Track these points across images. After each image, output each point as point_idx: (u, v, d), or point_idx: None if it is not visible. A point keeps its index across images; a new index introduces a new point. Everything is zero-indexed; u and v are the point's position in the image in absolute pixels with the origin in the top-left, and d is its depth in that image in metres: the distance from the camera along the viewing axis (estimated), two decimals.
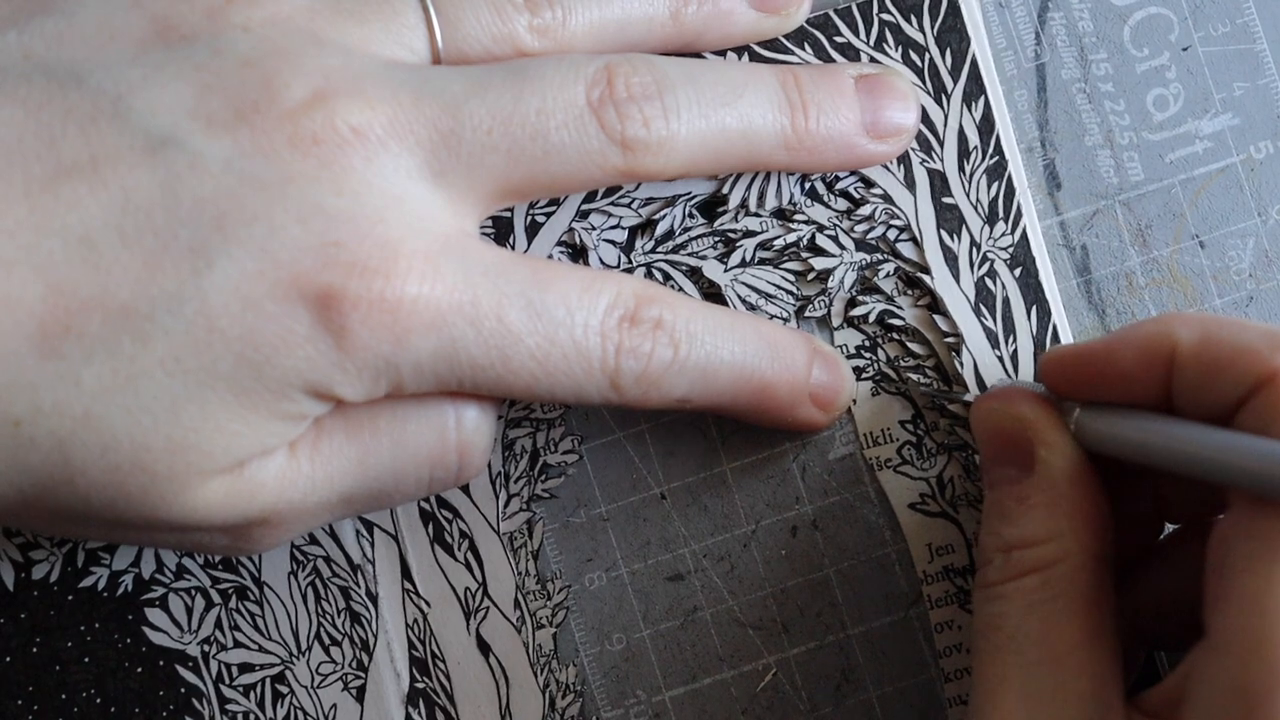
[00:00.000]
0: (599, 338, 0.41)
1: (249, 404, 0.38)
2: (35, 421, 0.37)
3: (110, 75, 0.38)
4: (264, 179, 0.38)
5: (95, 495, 0.38)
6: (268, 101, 0.38)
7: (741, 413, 0.44)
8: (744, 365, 0.43)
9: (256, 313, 0.38)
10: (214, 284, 0.37)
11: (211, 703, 0.46)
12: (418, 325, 0.39)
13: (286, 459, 0.40)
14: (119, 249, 0.37)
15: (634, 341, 0.41)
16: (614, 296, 0.41)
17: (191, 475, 0.39)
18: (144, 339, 0.37)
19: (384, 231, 0.38)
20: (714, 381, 0.42)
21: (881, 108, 0.44)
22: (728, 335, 0.43)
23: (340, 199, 0.38)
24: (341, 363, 0.38)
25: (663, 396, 0.42)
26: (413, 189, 0.39)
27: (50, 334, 0.37)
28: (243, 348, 0.38)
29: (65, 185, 0.37)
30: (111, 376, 0.37)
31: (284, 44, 0.39)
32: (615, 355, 0.41)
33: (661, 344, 0.41)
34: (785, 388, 0.44)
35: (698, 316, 0.42)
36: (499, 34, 0.42)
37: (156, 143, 0.38)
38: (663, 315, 0.42)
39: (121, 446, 0.38)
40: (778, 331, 0.44)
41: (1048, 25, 0.46)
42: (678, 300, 0.42)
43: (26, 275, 0.37)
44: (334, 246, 0.38)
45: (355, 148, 0.39)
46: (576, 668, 0.46)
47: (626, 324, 0.41)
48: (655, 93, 0.41)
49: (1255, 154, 0.46)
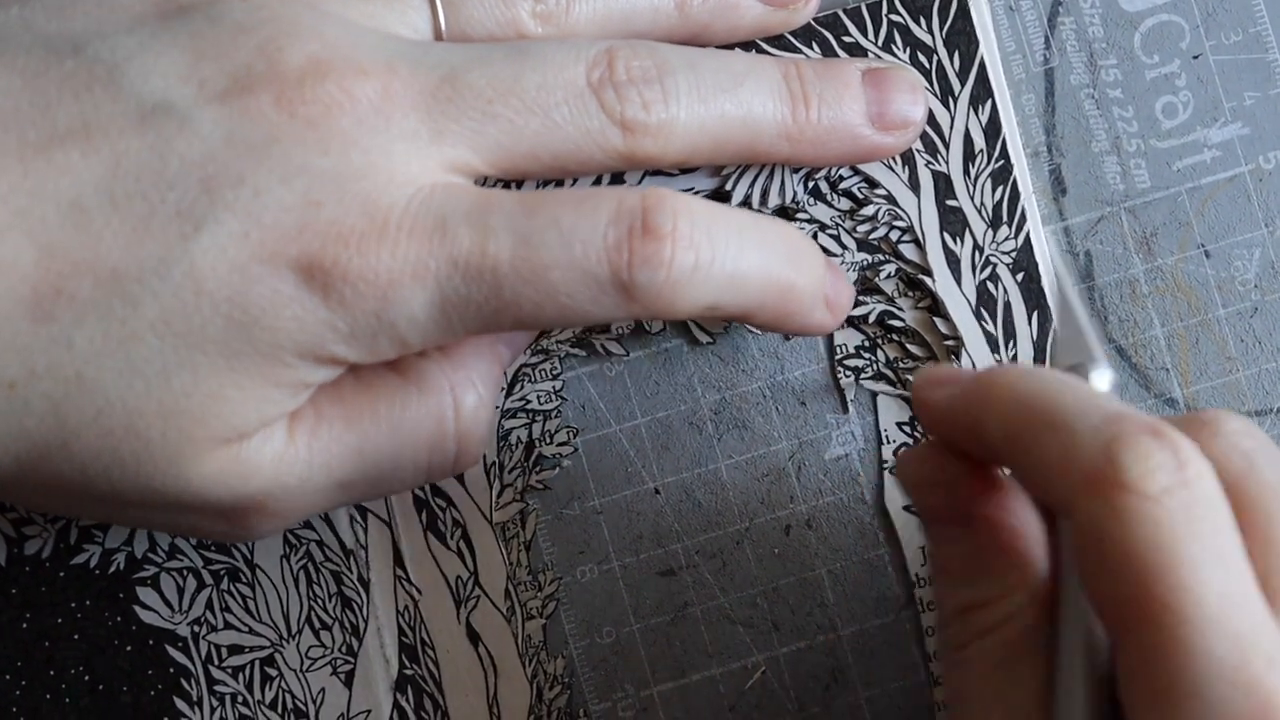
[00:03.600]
0: (602, 253, 0.39)
1: (241, 368, 0.38)
2: (29, 384, 0.38)
3: (107, 44, 0.39)
4: (251, 142, 0.38)
5: (90, 462, 0.39)
6: (261, 67, 0.39)
7: (766, 318, 0.42)
8: (770, 267, 0.41)
9: (243, 275, 0.38)
10: (201, 247, 0.38)
11: (200, 683, 0.46)
12: (400, 279, 0.38)
13: (284, 442, 0.40)
14: (110, 213, 0.38)
15: (648, 250, 0.39)
16: (615, 208, 0.39)
17: (185, 443, 0.39)
18: (134, 302, 0.38)
19: (365, 187, 0.38)
20: (743, 285, 0.41)
21: (889, 100, 0.44)
22: (753, 236, 0.41)
23: (325, 159, 0.38)
24: (332, 321, 0.38)
25: (690, 303, 0.40)
26: (404, 147, 0.39)
27: (43, 298, 0.37)
28: (230, 310, 0.38)
29: (58, 151, 0.38)
30: (103, 340, 0.38)
31: (281, 11, 0.39)
32: (628, 268, 0.39)
33: (682, 248, 0.40)
34: (808, 289, 0.42)
35: (718, 219, 0.41)
36: (502, 18, 0.42)
37: (148, 109, 0.38)
38: (677, 222, 0.40)
39: (114, 410, 0.38)
40: (794, 233, 0.43)
41: (1058, 30, 0.46)
42: (693, 203, 0.40)
43: (19, 240, 0.37)
44: (315, 207, 0.38)
45: (345, 110, 0.39)
46: (565, 660, 0.46)
47: (637, 235, 0.39)
48: (655, 76, 0.41)
49: (1264, 164, 0.46)
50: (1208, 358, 0.46)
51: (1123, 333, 0.46)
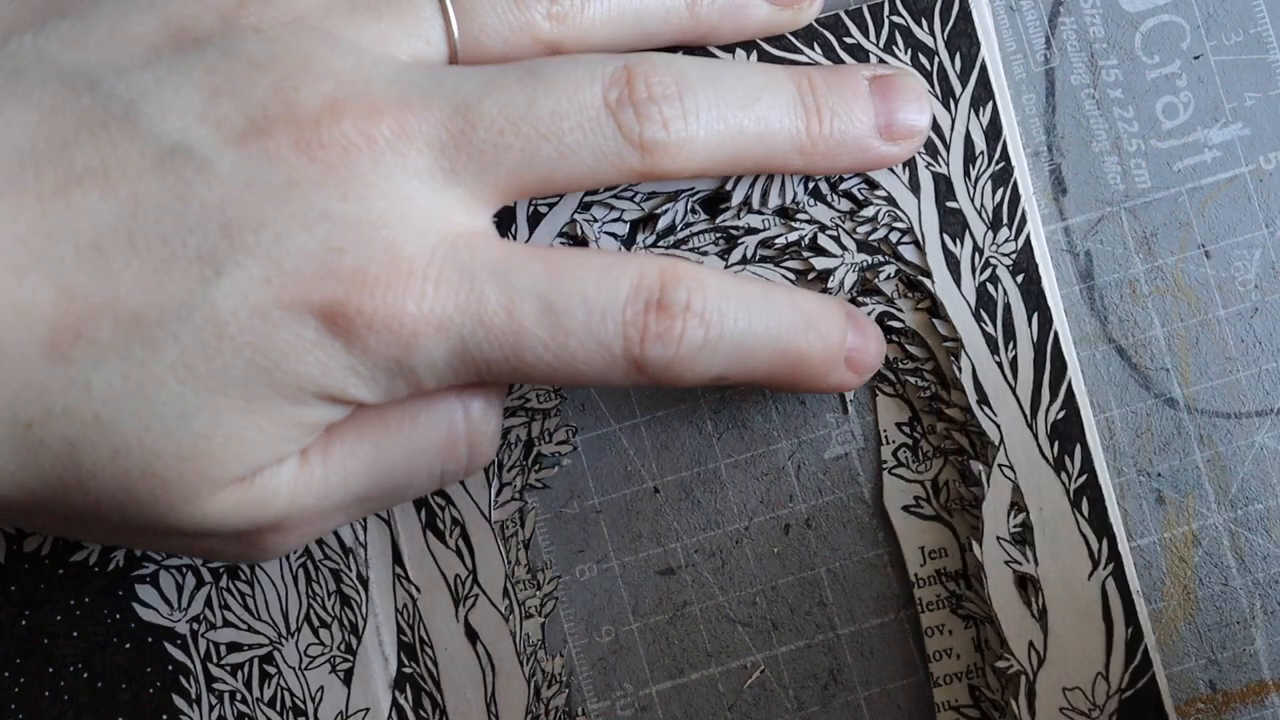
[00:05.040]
0: (619, 327, 0.40)
1: (262, 411, 0.38)
2: (46, 425, 0.38)
3: (123, 80, 0.38)
4: (271, 185, 0.38)
5: (105, 500, 0.39)
6: (277, 108, 0.38)
7: (777, 385, 0.43)
8: (779, 339, 0.42)
9: (265, 320, 0.38)
10: (222, 292, 0.37)
11: (199, 681, 0.46)
12: (424, 330, 0.39)
13: (299, 465, 0.40)
14: (129, 256, 0.37)
15: (660, 327, 0.40)
16: (635, 282, 0.40)
17: (202, 483, 0.39)
18: (154, 346, 0.37)
19: (388, 235, 0.38)
20: (750, 358, 0.42)
21: (896, 109, 0.44)
22: (761, 310, 0.42)
23: (346, 204, 0.38)
24: (354, 366, 0.39)
25: (697, 376, 0.41)
26: (421, 189, 0.39)
27: (61, 339, 0.37)
28: (253, 354, 0.38)
29: (77, 192, 0.37)
30: (122, 382, 0.37)
31: (295, 45, 0.39)
32: (640, 343, 0.40)
33: (692, 326, 0.40)
34: (820, 357, 0.43)
35: (729, 293, 0.41)
36: (516, 22, 0.42)
37: (166, 149, 0.38)
38: (690, 298, 0.40)
39: (131, 451, 0.38)
40: (811, 300, 0.43)
41: (1058, 30, 0.46)
42: (706, 276, 0.41)
43: (38, 281, 0.37)
44: (337, 253, 0.38)
45: (363, 152, 0.38)
46: (564, 659, 0.46)
47: (652, 311, 0.40)
48: (675, 94, 0.41)
49: (1265, 165, 0.46)
50: (1208, 358, 0.46)
51: (1123, 333, 0.46)
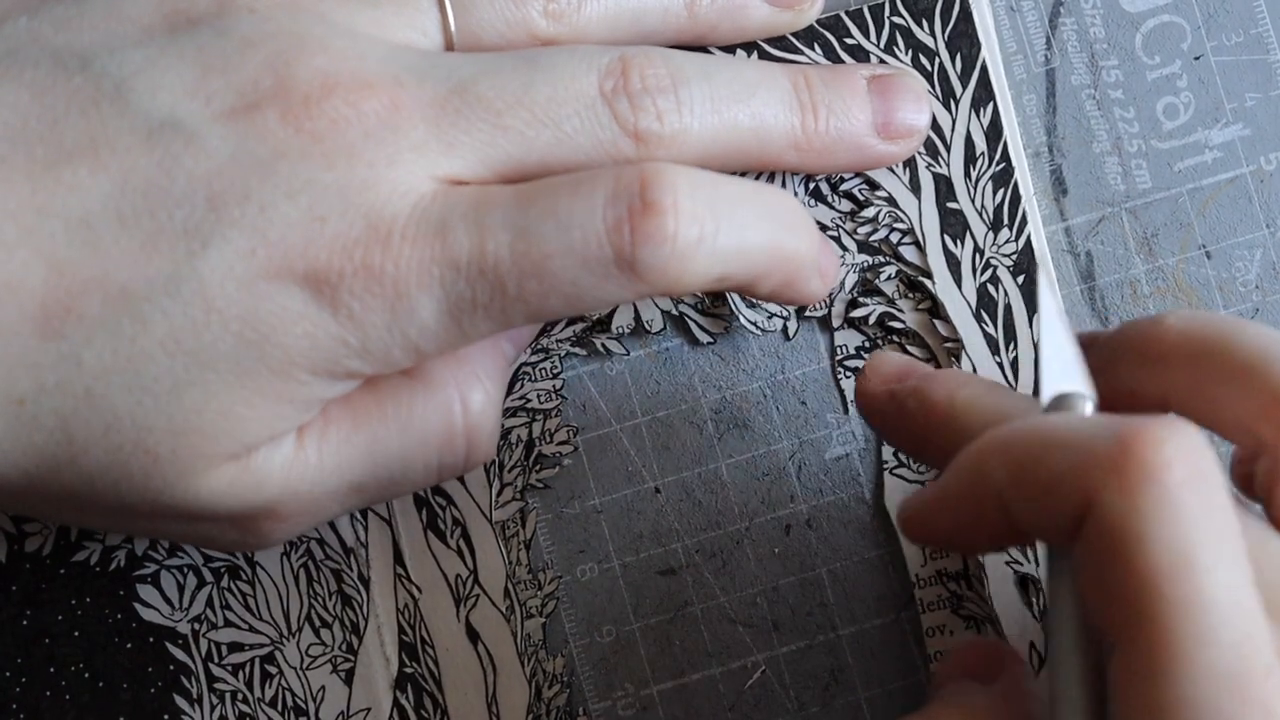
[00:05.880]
0: (601, 235, 0.38)
1: (253, 386, 0.38)
2: (38, 400, 0.38)
3: (115, 59, 0.39)
4: (258, 158, 0.38)
5: (99, 477, 0.39)
6: (269, 83, 0.38)
7: (771, 286, 0.41)
8: (774, 235, 0.41)
9: (252, 292, 0.38)
10: (209, 265, 0.37)
11: (200, 681, 0.46)
12: (406, 289, 0.38)
13: (293, 449, 0.40)
14: (117, 231, 0.37)
15: (650, 226, 0.38)
16: (611, 188, 0.39)
17: (195, 459, 0.39)
18: (143, 320, 0.37)
19: (370, 199, 0.38)
20: (749, 255, 0.40)
21: (894, 108, 0.44)
22: (755, 205, 0.40)
23: (331, 173, 0.38)
24: (343, 336, 0.38)
25: (698, 278, 0.39)
26: (410, 158, 0.39)
27: (52, 315, 0.37)
28: (241, 327, 0.38)
29: (66, 168, 0.38)
30: (112, 357, 0.37)
31: (289, 25, 0.39)
32: (630, 247, 0.38)
33: (685, 222, 0.39)
34: (808, 255, 0.41)
35: (719, 189, 0.40)
36: (513, 18, 0.42)
37: (155, 125, 0.38)
38: (678, 196, 0.39)
39: (124, 426, 0.38)
40: (791, 200, 0.42)
41: (1059, 30, 0.46)
42: (693, 175, 0.39)
43: (28, 257, 0.37)
44: (320, 221, 0.38)
45: (353, 125, 0.38)
46: (565, 659, 0.46)
47: (637, 212, 0.38)
48: (670, 86, 0.41)
49: (1265, 165, 0.46)
50: None
51: None
